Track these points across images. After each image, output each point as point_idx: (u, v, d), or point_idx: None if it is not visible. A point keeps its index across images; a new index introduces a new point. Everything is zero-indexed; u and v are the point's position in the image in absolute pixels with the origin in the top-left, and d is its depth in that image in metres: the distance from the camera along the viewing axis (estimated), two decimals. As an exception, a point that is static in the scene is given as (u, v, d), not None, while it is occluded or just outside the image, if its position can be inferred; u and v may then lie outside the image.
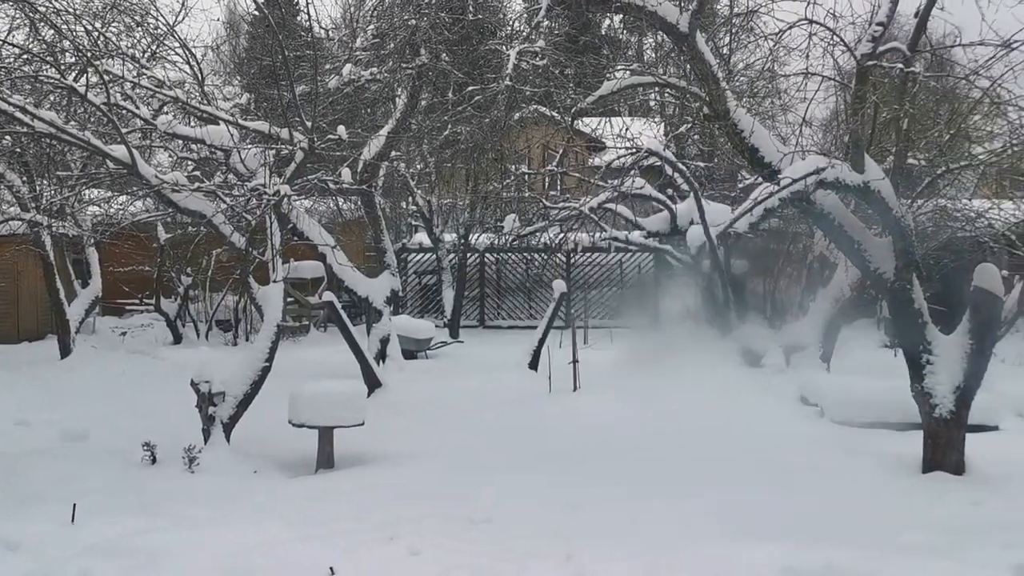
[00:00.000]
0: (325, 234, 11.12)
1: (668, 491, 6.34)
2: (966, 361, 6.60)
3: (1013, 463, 7.01)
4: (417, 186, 16.73)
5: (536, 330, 12.50)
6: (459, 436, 8.50)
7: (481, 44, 11.23)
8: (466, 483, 6.65)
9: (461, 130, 13.27)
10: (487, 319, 19.47)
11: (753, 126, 6.81)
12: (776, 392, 10.80)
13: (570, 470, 6.99)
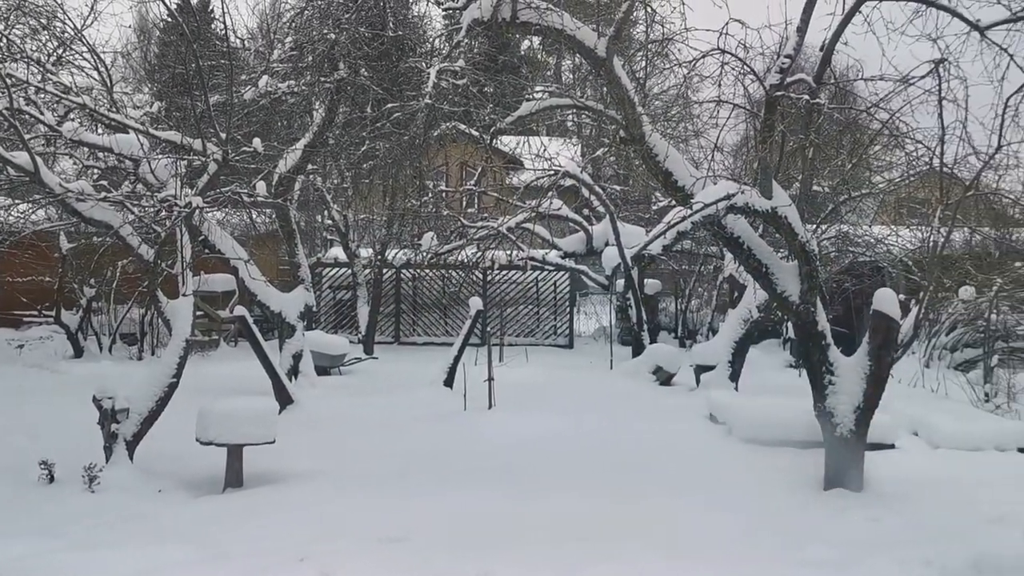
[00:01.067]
0: (238, 247, 10.91)
1: (580, 508, 6.40)
2: (865, 382, 6.86)
3: (908, 480, 7.30)
4: (333, 200, 16.57)
5: (452, 347, 12.49)
6: (373, 454, 8.41)
7: (401, 61, 11.21)
8: (380, 501, 6.58)
9: (379, 146, 13.21)
10: (402, 335, 19.37)
11: (667, 150, 6.97)
12: (686, 410, 11.03)
13: (486, 487, 6.99)
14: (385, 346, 18.07)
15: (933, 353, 15.71)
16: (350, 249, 17.46)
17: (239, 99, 10.85)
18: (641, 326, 16.52)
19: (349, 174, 15.71)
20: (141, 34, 25.88)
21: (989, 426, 9.30)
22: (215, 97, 10.92)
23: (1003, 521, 5.88)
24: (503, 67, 16.55)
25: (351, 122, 12.77)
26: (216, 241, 10.58)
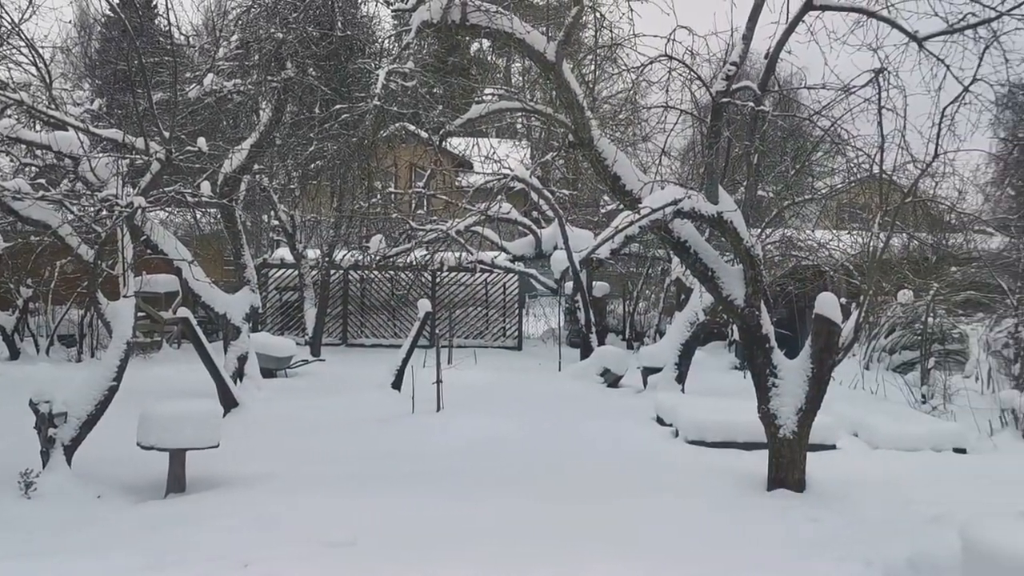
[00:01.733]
0: (181, 248, 10.72)
1: (529, 510, 6.41)
2: (808, 384, 6.99)
3: (848, 481, 7.46)
4: (280, 201, 16.37)
5: (400, 349, 12.42)
6: (319, 457, 8.33)
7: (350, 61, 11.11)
8: (326, 505, 6.51)
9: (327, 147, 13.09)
10: (350, 337, 19.22)
11: (616, 155, 7.03)
12: (633, 412, 11.12)
13: (434, 491, 6.96)
14: (332, 348, 17.91)
15: (873, 355, 16.07)
16: (297, 250, 17.27)
17: (183, 97, 10.65)
18: (589, 328, 16.62)
19: (296, 174, 15.53)
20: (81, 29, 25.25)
21: (926, 427, 9.55)
22: (158, 95, 10.71)
23: (939, 520, 6.03)
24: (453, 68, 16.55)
25: (299, 122, 12.63)
26: (159, 241, 10.38)
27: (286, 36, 10.25)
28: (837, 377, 10.62)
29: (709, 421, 9.18)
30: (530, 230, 17.69)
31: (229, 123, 13.21)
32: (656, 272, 20.60)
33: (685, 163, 19.60)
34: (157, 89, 11.01)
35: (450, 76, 15.08)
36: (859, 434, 9.77)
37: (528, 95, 15.48)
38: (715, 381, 14.18)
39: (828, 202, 18.51)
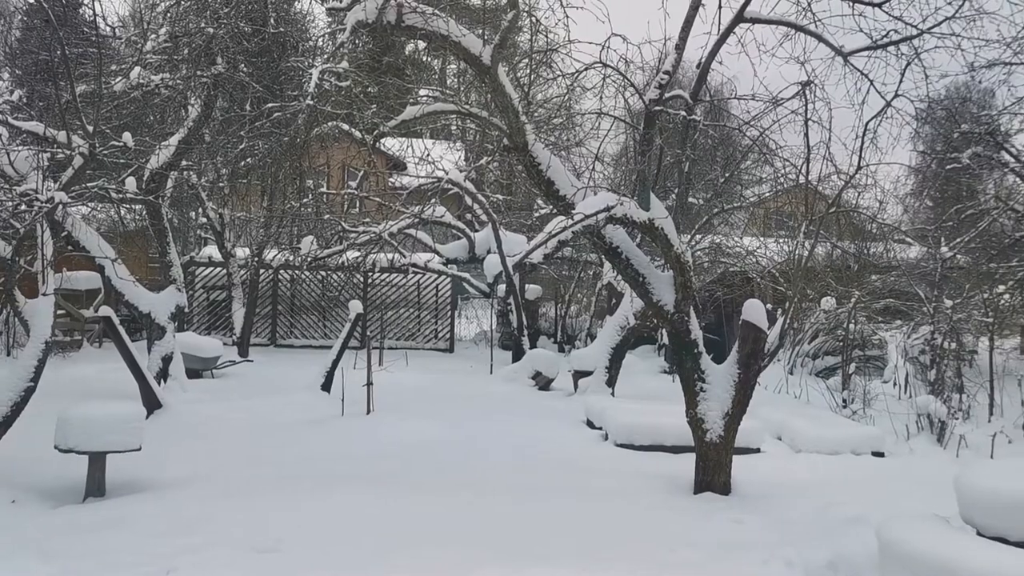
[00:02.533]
0: (104, 245, 10.42)
1: (460, 514, 6.40)
2: (734, 389, 7.13)
3: (772, 483, 7.63)
4: (209, 198, 16.04)
5: (330, 350, 12.28)
6: (245, 460, 8.17)
7: (282, 58, 10.94)
8: (252, 509, 6.40)
9: (258, 145, 12.86)
10: (279, 338, 18.93)
11: (550, 160, 7.07)
12: (564, 415, 11.20)
13: (363, 494, 6.89)
14: (261, 348, 17.61)
15: (797, 360, 16.47)
16: (226, 248, 16.93)
17: (108, 90, 10.35)
18: (521, 331, 16.68)
19: (226, 172, 15.23)
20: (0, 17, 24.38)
21: (846, 431, 9.82)
22: (82, 87, 10.39)
23: (857, 522, 6.20)
24: (388, 68, 16.42)
25: (229, 119, 12.39)
26: (81, 238, 10.07)
27: (217, 31, 10.04)
28: (762, 382, 10.85)
29: (638, 424, 9.29)
30: (463, 233, 17.68)
31: (156, 118, 12.88)
32: (588, 276, 20.79)
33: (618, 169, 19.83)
34: (81, 81, 10.68)
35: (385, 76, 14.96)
36: (783, 438, 10.00)
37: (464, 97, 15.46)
38: (645, 385, 14.36)
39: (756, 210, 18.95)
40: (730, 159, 14.81)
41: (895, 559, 4.40)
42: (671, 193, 10.97)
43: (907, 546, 4.32)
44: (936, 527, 4.54)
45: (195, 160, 13.95)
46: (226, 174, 15.36)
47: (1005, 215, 14.88)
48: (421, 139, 17.56)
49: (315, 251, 15.99)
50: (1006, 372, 14.79)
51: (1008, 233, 15.11)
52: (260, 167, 14.26)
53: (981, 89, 18.77)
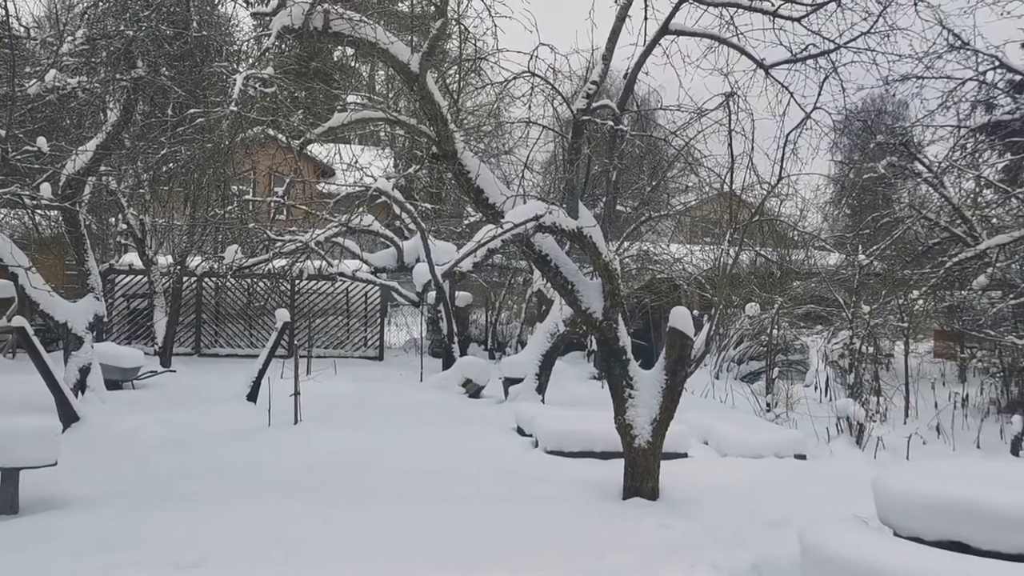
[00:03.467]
0: (17, 252, 10.06)
1: (388, 523, 6.34)
2: (662, 395, 7.23)
3: (698, 488, 7.74)
4: (129, 204, 15.60)
5: (257, 359, 12.05)
6: (168, 473, 7.96)
7: (205, 63, 10.71)
8: (174, 525, 6.23)
9: (180, 150, 12.56)
10: (204, 347, 18.51)
11: (479, 168, 7.07)
12: (494, 422, 11.19)
13: (290, 506, 6.78)
14: (184, 358, 17.20)
15: (722, 365, 16.79)
16: (147, 255, 16.49)
17: (22, 93, 10.00)
18: (452, 338, 16.64)
19: (147, 178, 14.83)
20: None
21: (770, 435, 10.03)
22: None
23: (781, 525, 6.35)
24: (315, 74, 16.23)
25: (150, 124, 12.07)
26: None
27: (137, 33, 9.78)
28: (689, 387, 11.02)
29: (567, 431, 9.34)
30: (392, 242, 17.56)
31: (73, 122, 12.48)
32: (519, 283, 20.86)
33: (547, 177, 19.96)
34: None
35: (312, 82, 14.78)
36: (709, 442, 10.16)
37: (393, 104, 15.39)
38: (575, 391, 14.46)
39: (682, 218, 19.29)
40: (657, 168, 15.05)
41: (816, 561, 4.50)
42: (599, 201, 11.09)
43: (827, 548, 4.42)
44: (854, 529, 4.67)
45: (115, 165, 13.56)
46: (147, 180, 14.96)
47: (918, 223, 15.45)
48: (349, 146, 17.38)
49: (239, 260, 15.67)
50: (920, 375, 15.34)
51: (921, 240, 15.68)
52: (183, 173, 13.92)
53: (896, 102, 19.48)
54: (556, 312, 13.67)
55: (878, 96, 18.39)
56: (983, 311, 15.13)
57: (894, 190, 17.87)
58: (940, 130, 14.16)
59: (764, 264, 17.18)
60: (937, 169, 14.57)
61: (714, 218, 17.71)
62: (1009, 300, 13.63)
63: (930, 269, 14.54)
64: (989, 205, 15.02)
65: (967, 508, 4.33)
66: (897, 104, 19.79)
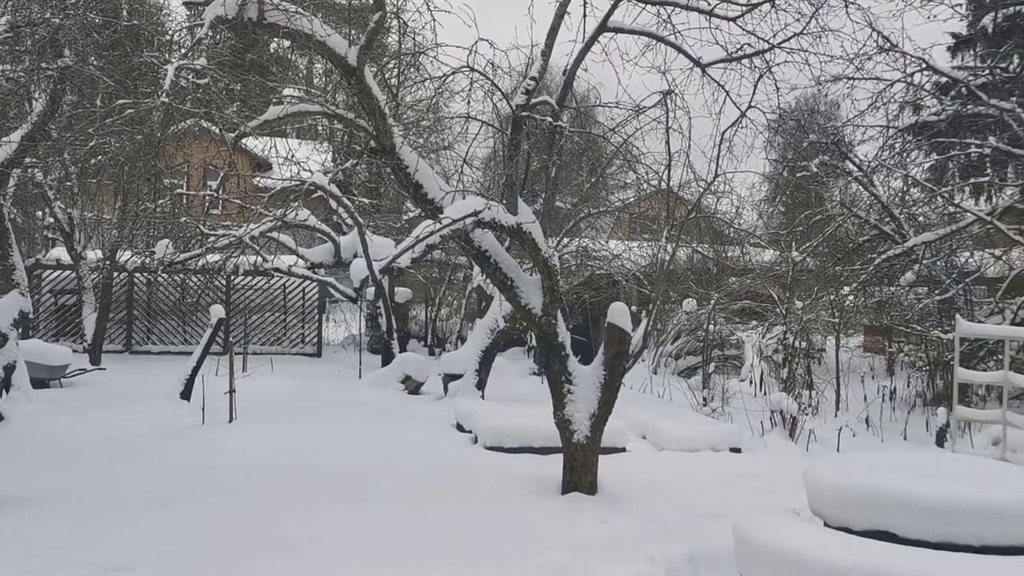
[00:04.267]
0: (-66, 247, 9.67)
1: (325, 522, 6.27)
2: (600, 390, 7.27)
3: (636, 482, 7.82)
4: (56, 197, 15.14)
5: (191, 357, 11.81)
6: (96, 474, 7.75)
7: (136, 53, 10.42)
8: (103, 527, 6.07)
9: (109, 142, 12.22)
10: (135, 344, 18.08)
11: (418, 163, 7.02)
12: (434, 419, 11.14)
13: (224, 506, 6.65)
14: (115, 355, 16.78)
15: (660, 361, 16.98)
16: (75, 250, 16.03)
17: (-59, 81, 9.62)
18: (391, 335, 16.53)
19: (75, 170, 14.39)
20: None
21: (706, 428, 10.18)
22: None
23: (717, 517, 6.44)
24: (251, 66, 15.95)
25: (78, 115, 11.71)
26: (-91, 239, 9.32)
27: (64, 21, 9.47)
28: (627, 382, 11.13)
29: (507, 427, 9.35)
30: (329, 237, 17.36)
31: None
32: (459, 279, 20.82)
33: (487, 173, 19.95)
34: (-92, 71, 9.88)
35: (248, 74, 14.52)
36: (647, 436, 10.27)
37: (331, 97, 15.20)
38: (514, 387, 14.47)
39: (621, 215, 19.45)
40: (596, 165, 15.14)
41: (749, 552, 4.58)
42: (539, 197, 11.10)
43: (760, 539, 4.50)
44: (787, 520, 4.76)
45: (41, 157, 13.14)
46: (75, 172, 14.53)
47: (849, 221, 15.83)
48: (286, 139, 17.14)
49: (171, 255, 15.32)
50: (851, 369, 15.72)
51: (852, 238, 16.07)
52: (112, 166, 13.54)
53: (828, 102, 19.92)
54: (496, 308, 13.67)
55: (811, 96, 18.79)
56: (910, 307, 15.57)
57: (826, 188, 18.28)
58: (870, 130, 14.53)
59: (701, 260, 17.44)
60: (867, 168, 14.94)
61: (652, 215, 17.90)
62: (935, 296, 14.05)
63: (860, 266, 14.92)
64: (916, 204, 15.45)
65: (894, 499, 4.44)
66: (829, 104, 20.25)
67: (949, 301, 13.74)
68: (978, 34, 16.56)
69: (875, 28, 11.45)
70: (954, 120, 13.93)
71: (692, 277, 16.88)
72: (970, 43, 17.19)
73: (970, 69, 15.57)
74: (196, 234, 14.97)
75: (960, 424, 10.70)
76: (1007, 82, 13.84)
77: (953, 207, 14.42)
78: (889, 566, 3.94)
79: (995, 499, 4.33)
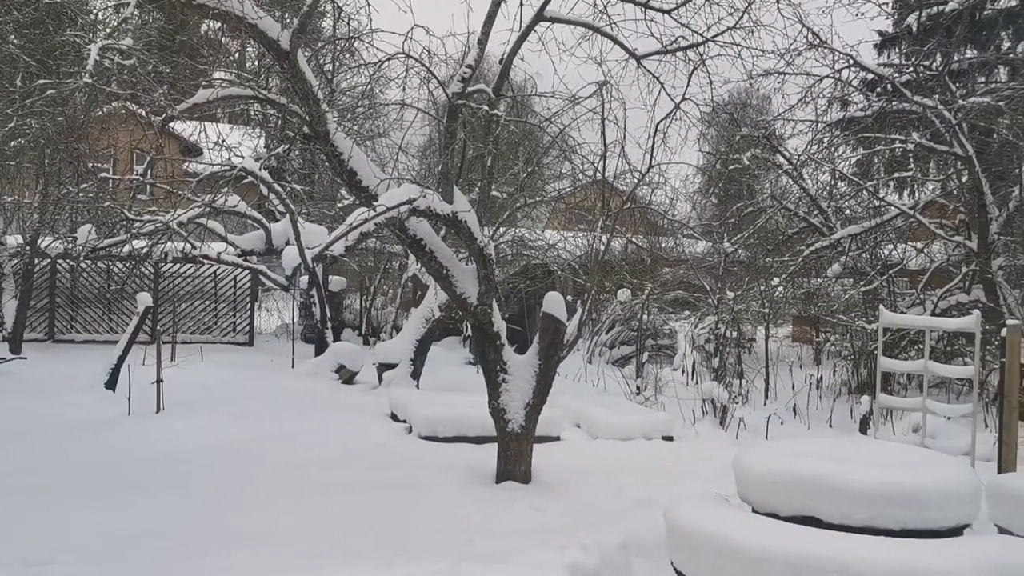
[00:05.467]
0: None
1: (255, 515, 6.17)
2: (535, 380, 7.30)
3: (570, 470, 7.88)
4: (-27, 180, 14.57)
5: (116, 346, 11.50)
6: (17, 467, 7.49)
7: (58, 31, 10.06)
8: (22, 521, 5.88)
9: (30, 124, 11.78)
10: (57, 332, 17.51)
11: (352, 150, 6.93)
12: (368, 409, 11.07)
13: (151, 499, 6.50)
14: (37, 344, 16.23)
15: (595, 350, 17.12)
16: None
17: None
18: (325, 324, 16.33)
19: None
20: None
21: (639, 417, 10.31)
22: None
23: (648, 504, 6.53)
24: (180, 48, 15.54)
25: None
26: None
27: (-18, -3, 9.13)
28: (562, 371, 11.20)
29: (441, 416, 9.33)
30: (260, 224, 17.04)
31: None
32: (394, 268, 20.66)
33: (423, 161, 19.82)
34: None
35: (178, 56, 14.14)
36: (581, 425, 10.36)
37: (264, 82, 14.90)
38: (450, 376, 14.45)
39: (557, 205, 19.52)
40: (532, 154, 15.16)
41: (679, 537, 4.65)
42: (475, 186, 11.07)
43: (690, 525, 4.57)
44: (715, 506, 4.84)
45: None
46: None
47: (779, 213, 16.17)
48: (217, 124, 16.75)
49: (94, 240, 14.86)
50: (779, 358, 16.09)
51: (782, 230, 16.42)
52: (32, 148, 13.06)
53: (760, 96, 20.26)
54: (431, 297, 13.62)
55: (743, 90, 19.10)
56: (836, 297, 15.99)
57: (757, 181, 18.62)
58: (800, 124, 14.85)
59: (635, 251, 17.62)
60: (797, 162, 15.27)
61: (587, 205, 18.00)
62: (860, 287, 14.44)
63: (789, 257, 15.25)
64: (843, 197, 15.84)
65: (818, 484, 4.55)
66: (761, 98, 20.60)
67: (873, 292, 14.14)
68: (903, 32, 17.02)
69: (805, 24, 11.72)
70: (880, 116, 14.30)
71: (627, 267, 17.05)
72: (896, 41, 17.67)
73: (895, 66, 16.01)
74: (121, 219, 14.54)
75: (883, 411, 11.03)
76: (930, 80, 14.26)
77: (878, 201, 14.82)
78: (814, 551, 4.04)
79: (914, 484, 4.47)
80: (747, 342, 16.96)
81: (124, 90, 10.61)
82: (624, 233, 15.82)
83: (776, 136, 15.59)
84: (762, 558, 4.12)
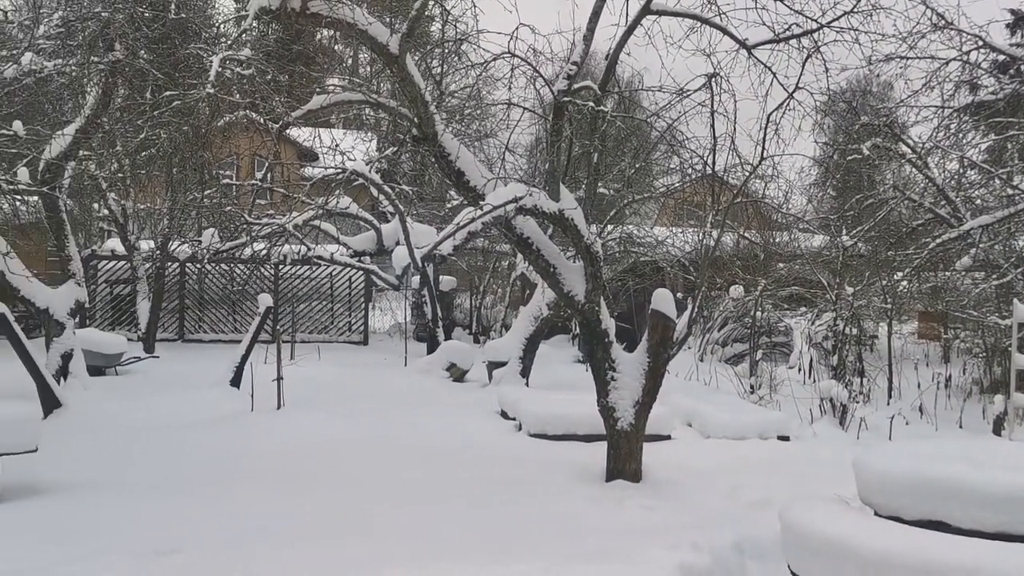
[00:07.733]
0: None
1: (369, 509, 6.32)
2: (644, 377, 7.21)
3: (682, 469, 7.76)
4: (110, 189, 15.46)
5: (240, 345, 11.99)
6: (150, 460, 7.92)
7: (183, 45, 10.56)
8: (155, 511, 6.20)
9: (159, 134, 12.42)
10: (187, 332, 18.42)
11: (459, 151, 7.01)
12: (478, 407, 11.18)
13: (271, 491, 6.75)
14: (168, 344, 17.11)
15: (706, 348, 16.81)
16: (129, 241, 16.36)
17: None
18: (436, 322, 16.61)
19: (127, 162, 14.67)
20: None
21: (753, 416, 10.06)
22: (-32, 73, 9.87)
23: (763, 505, 6.37)
24: (297, 57, 16.09)
25: (129, 107, 11.92)
26: (-31, 231, 9.57)
27: (114, 16, 9.64)
28: (673, 369, 11.04)
29: (551, 414, 9.33)
30: (371, 225, 17.47)
31: (52, 106, 12.33)
32: (503, 267, 20.83)
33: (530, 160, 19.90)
34: (-33, 67, 10.14)
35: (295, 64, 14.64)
36: (693, 424, 10.18)
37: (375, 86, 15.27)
38: (558, 374, 14.46)
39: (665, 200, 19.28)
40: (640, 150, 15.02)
41: (796, 540, 4.51)
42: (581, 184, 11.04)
43: (807, 527, 4.42)
44: (835, 508, 4.67)
45: (95, 150, 13.43)
46: (127, 164, 14.82)
47: (902, 204, 15.47)
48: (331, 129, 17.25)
49: (216, 243, 15.57)
50: (904, 356, 15.42)
51: (905, 222, 15.72)
52: (161, 157, 13.77)
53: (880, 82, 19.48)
54: (540, 295, 13.65)
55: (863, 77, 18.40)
56: (966, 292, 15.20)
57: (878, 171, 17.90)
58: (924, 111, 14.15)
59: (748, 246, 17.20)
60: (921, 150, 14.58)
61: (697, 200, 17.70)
62: (992, 280, 13.68)
63: (914, 250, 14.57)
64: (973, 186, 15.04)
65: (948, 487, 4.33)
66: (882, 85, 19.80)
67: (1007, 286, 13.37)
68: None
69: (929, 5, 11.17)
70: (1013, 99, 13.52)
71: (739, 263, 16.66)
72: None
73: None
74: (241, 223, 15.17)
75: (1018, 412, 10.43)
76: (1068, 59, 13.39)
77: (1012, 189, 14.00)
78: (942, 556, 3.85)
79: (1052, 488, 4.20)
80: (868, 339, 16.33)
81: (244, 99, 11.05)
82: (736, 228, 15.47)
83: (899, 124, 14.92)
84: (885, 563, 3.95)
